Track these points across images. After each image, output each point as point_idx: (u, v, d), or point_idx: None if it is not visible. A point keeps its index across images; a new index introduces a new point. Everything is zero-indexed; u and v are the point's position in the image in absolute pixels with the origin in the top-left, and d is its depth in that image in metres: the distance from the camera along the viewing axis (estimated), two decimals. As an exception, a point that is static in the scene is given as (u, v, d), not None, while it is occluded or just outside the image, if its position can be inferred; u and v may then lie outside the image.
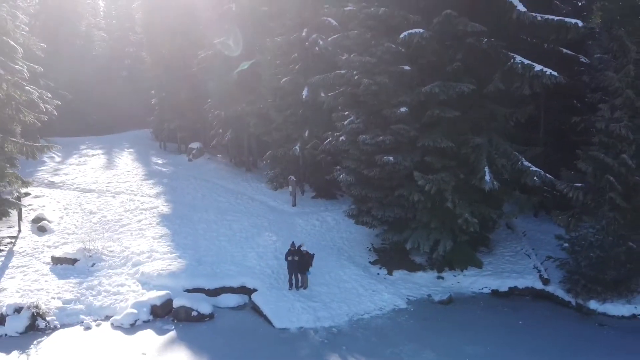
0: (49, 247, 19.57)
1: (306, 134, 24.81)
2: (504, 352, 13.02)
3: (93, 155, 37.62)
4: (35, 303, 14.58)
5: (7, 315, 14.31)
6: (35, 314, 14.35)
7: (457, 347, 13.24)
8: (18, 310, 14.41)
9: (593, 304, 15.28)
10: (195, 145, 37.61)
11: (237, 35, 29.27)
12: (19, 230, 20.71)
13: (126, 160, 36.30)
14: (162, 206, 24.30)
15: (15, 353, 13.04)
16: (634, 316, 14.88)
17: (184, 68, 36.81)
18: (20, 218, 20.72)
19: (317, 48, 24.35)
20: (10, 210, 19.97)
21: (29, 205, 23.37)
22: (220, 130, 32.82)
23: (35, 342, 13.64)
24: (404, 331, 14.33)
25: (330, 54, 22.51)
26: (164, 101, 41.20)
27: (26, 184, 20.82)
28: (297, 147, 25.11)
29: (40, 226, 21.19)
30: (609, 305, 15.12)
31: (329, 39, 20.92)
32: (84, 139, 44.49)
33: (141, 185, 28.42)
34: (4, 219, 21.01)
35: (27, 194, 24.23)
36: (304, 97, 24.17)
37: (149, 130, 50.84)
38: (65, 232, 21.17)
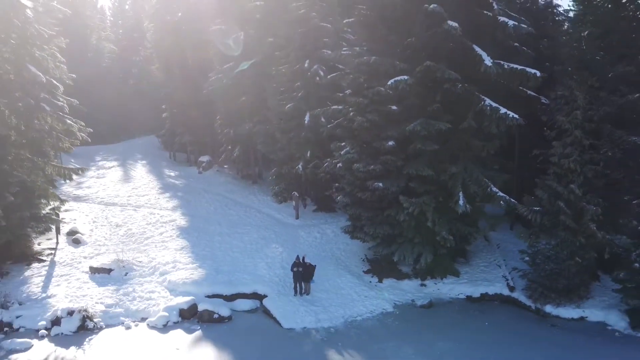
0: (84, 257, 22.55)
1: (308, 154, 27.79)
2: (469, 347, 15.97)
3: (110, 168, 40.57)
4: (84, 307, 17.58)
5: (62, 317, 17.28)
6: (84, 316, 17.34)
7: (432, 344, 16.21)
8: (70, 313, 17.39)
9: (548, 308, 18.28)
10: (204, 158, 40.63)
11: (243, 60, 32.34)
12: (57, 242, 23.66)
13: (141, 172, 39.25)
14: (180, 219, 27.30)
15: (72, 348, 16.01)
16: (581, 318, 17.85)
17: (194, 88, 39.70)
18: (58, 232, 23.66)
19: (317, 78, 27.32)
20: (51, 225, 22.89)
21: (62, 219, 26.34)
22: (230, 147, 35.78)
23: (87, 339, 16.61)
24: (389, 331, 17.30)
25: (329, 82, 25.59)
26: (174, 116, 44.14)
27: (63, 202, 23.76)
28: (300, 166, 28.11)
29: (74, 238, 24.17)
30: (562, 309, 18.10)
31: (328, 77, 23.94)
32: (97, 148, 47.38)
33: (159, 198, 31.40)
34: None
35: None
36: (306, 122, 27.15)
37: (156, 138, 53.89)
38: (97, 243, 24.15)
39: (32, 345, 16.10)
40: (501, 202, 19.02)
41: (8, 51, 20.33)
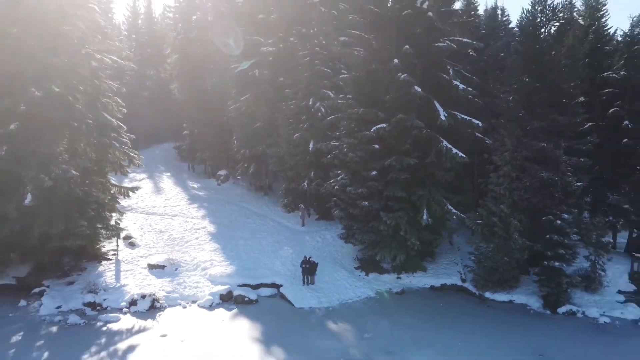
0: (141, 257, 29.39)
1: (312, 174, 34.71)
2: (427, 321, 22.80)
3: (141, 180, 47.32)
4: (152, 292, 24.44)
5: (137, 299, 24.12)
6: (153, 299, 24.18)
7: (401, 319, 23.00)
8: (143, 296, 24.23)
9: (487, 294, 25.18)
10: (222, 172, 47.56)
11: (259, 96, 39.29)
12: (117, 245, 30.46)
13: (169, 184, 46.08)
14: (209, 226, 34.18)
15: (149, 320, 22.80)
16: (510, 301, 24.78)
17: (213, 113, 46.66)
18: (118, 237, 30.47)
19: (319, 114, 34.18)
20: (115, 232, 29.70)
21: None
22: (246, 165, 42.63)
23: (157, 315, 23.43)
24: (371, 310, 24.15)
25: (329, 121, 32.47)
26: (194, 134, 51.06)
27: (122, 214, 30.59)
28: (305, 184, 35.03)
29: (130, 242, 31.01)
30: (497, 295, 25.00)
31: (328, 118, 30.80)
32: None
33: (189, 208, 38.26)
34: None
35: (113, 218, 33.97)
36: (310, 148, 34.06)
37: (172, 149, 60.83)
38: (147, 246, 30.99)
39: (120, 319, 22.92)
40: (454, 217, 25.88)
41: (86, 100, 27.19)
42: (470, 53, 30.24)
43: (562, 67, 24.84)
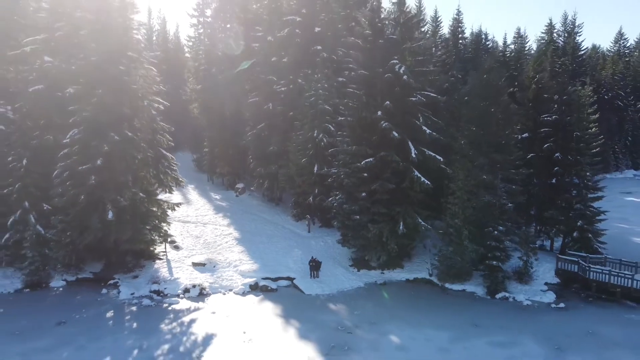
0: (185, 257, 38.24)
1: (316, 191, 43.56)
2: (401, 303, 31.58)
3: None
4: (200, 283, 33.32)
5: (189, 288, 32.97)
6: (201, 288, 33.04)
7: (382, 302, 31.82)
8: (193, 286, 33.09)
9: (447, 285, 33.99)
10: (240, 185, 56.44)
11: (273, 126, 48.14)
12: (165, 248, 39.27)
13: (195, 196, 54.93)
14: (234, 232, 43.04)
15: (200, 303, 31.64)
16: (463, 290, 33.49)
17: (231, 134, 55.50)
18: (166, 242, 39.28)
19: (322, 143, 42.99)
20: (165, 238, 38.50)
21: (162, 232, 41.92)
22: (261, 181, 51.49)
23: (205, 299, 32.26)
24: (361, 296, 32.96)
25: (330, 152, 41.32)
26: (214, 152, 59.86)
27: (169, 224, 39.41)
28: (310, 198, 43.90)
29: (175, 245, 39.85)
30: (454, 285, 33.81)
31: (329, 151, 39.65)
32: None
33: (216, 217, 47.13)
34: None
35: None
36: (314, 171, 42.92)
37: (192, 161, 69.50)
38: (188, 249, 39.83)
39: (179, 302, 31.74)
40: (423, 227, 34.76)
41: (146, 139, 36.04)
42: (440, 98, 38.92)
43: (500, 120, 33.55)
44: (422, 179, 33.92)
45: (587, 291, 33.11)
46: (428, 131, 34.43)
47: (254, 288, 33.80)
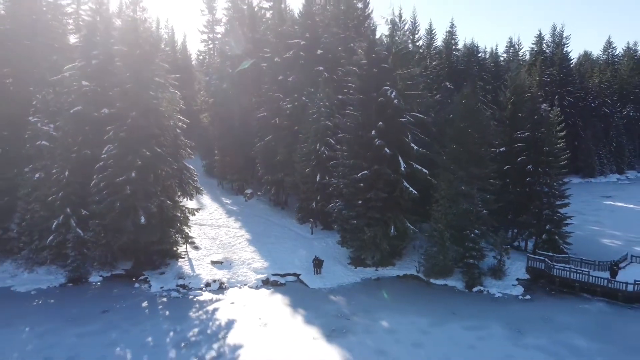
0: (204, 256, 43.72)
1: (318, 197, 49.04)
2: (391, 295, 37.02)
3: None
4: (219, 278, 38.81)
5: (210, 283, 38.46)
6: (220, 282, 38.53)
7: (375, 294, 37.25)
8: (214, 281, 38.58)
9: (432, 280, 39.44)
10: (248, 191, 61.94)
11: (279, 138, 53.63)
12: (187, 248, 44.70)
13: (208, 200, 60.40)
14: (246, 234, 48.53)
15: (220, 295, 37.11)
16: (445, 284, 38.93)
17: (241, 144, 60.98)
18: (187, 243, 44.71)
19: (324, 155, 48.46)
20: (186, 240, 43.96)
21: (182, 234, 47.42)
22: (268, 187, 57.01)
23: (224, 292, 37.72)
24: (358, 290, 38.40)
25: (331, 159, 46.79)
26: (225, 160, 65.31)
27: (190, 227, 44.87)
28: (313, 204, 49.39)
29: (194, 246, 45.24)
30: (437, 281, 39.25)
31: (330, 163, 45.15)
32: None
33: (229, 220, 52.63)
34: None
35: (178, 228, 48.29)
36: (317, 180, 48.41)
37: (202, 167, 74.78)
38: (206, 249, 45.31)
39: (202, 294, 37.21)
40: (411, 230, 40.23)
41: (172, 153, 41.54)
42: (425, 118, 44.38)
43: (476, 139, 38.95)
44: (410, 189, 39.38)
45: (551, 286, 38.55)
46: (415, 147, 39.90)
47: (266, 283, 39.26)
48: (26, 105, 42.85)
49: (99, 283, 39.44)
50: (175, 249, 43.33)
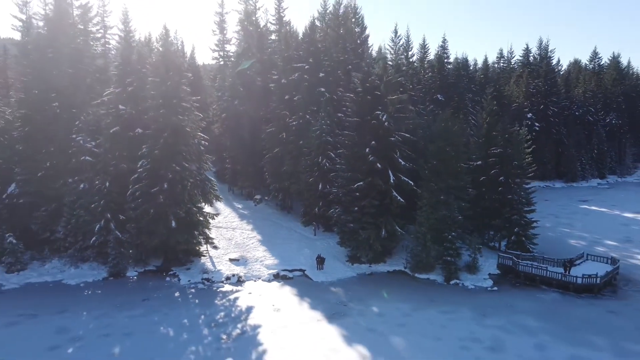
0: (222, 254, 51.01)
1: (320, 204, 56.34)
2: (382, 287, 44.18)
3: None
4: (237, 273, 46.17)
5: (230, 276, 45.70)
6: (239, 276, 45.81)
7: (368, 287, 44.48)
8: (233, 275, 45.84)
9: (417, 275, 46.68)
10: (258, 196, 69.27)
11: (286, 151, 60.95)
12: (207, 248, 51.93)
13: (221, 205, 67.42)
14: (257, 235, 55.84)
15: (239, 287, 44.35)
16: (428, 279, 46.31)
17: (250, 154, 68.31)
18: (207, 243, 51.96)
19: (325, 167, 55.70)
20: (207, 240, 51.20)
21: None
22: (275, 194, 64.33)
23: (242, 284, 44.95)
24: (354, 283, 45.63)
25: (332, 170, 54.06)
26: (236, 168, 72.61)
27: (210, 230, 52.13)
28: (316, 209, 56.70)
29: (213, 246, 52.59)
30: (421, 275, 46.49)
31: (331, 174, 52.46)
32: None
33: (241, 223, 59.92)
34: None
35: (198, 230, 55.57)
36: (319, 188, 55.72)
37: (213, 172, 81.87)
38: (224, 248, 52.58)
39: (224, 286, 44.45)
40: (399, 232, 47.51)
41: (197, 166, 48.83)
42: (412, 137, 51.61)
43: (453, 157, 46.20)
44: (399, 197, 46.64)
45: (517, 279, 45.78)
46: (403, 163, 47.16)
47: (276, 276, 46.53)
48: (70, 125, 50.14)
49: (135, 277, 46.70)
50: (198, 248, 50.60)
